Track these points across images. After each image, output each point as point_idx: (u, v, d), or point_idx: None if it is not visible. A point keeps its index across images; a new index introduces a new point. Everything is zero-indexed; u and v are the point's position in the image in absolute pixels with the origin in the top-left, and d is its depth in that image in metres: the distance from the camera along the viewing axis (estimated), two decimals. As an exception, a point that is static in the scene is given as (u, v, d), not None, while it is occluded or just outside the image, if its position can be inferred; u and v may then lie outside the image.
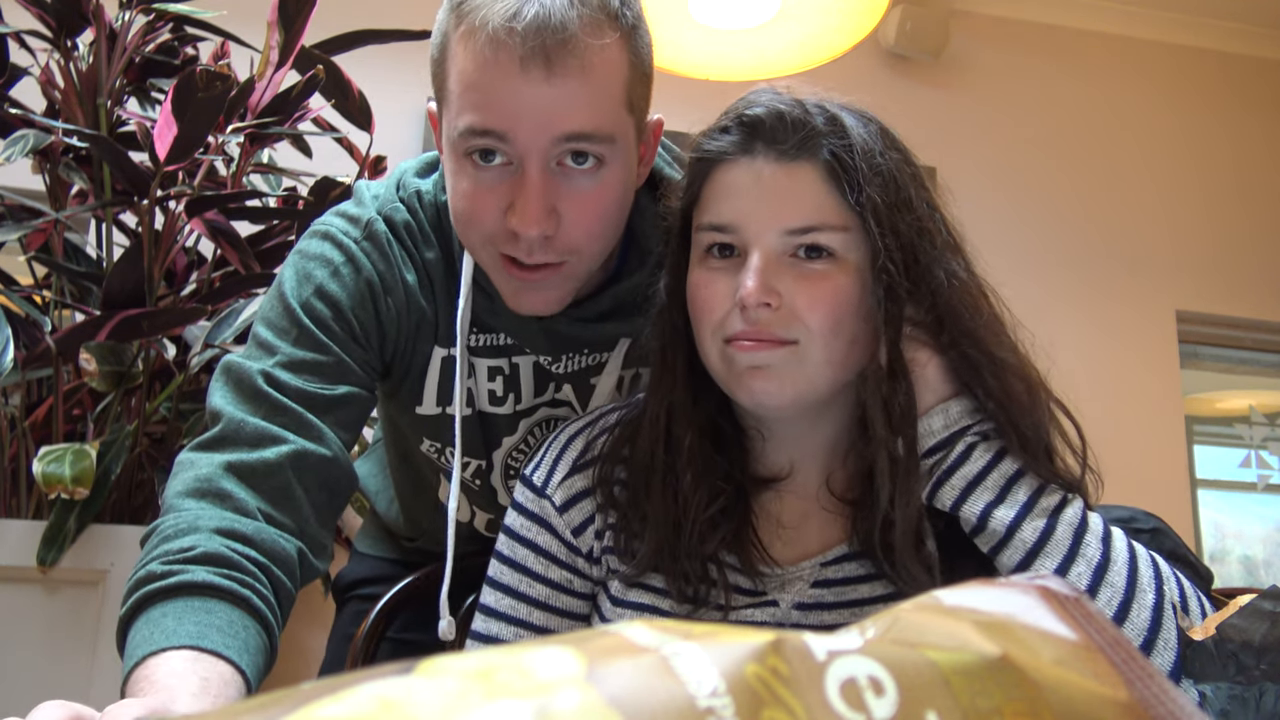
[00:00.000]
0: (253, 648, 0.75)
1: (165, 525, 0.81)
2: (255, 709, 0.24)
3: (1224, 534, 3.30)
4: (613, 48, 0.84)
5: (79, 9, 1.65)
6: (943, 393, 0.81)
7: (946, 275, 0.81)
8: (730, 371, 0.81)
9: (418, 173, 1.03)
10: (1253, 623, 0.66)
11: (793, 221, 0.79)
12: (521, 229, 0.85)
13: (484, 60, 0.82)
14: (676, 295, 0.86)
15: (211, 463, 0.84)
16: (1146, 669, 0.29)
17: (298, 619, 2.04)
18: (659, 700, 0.24)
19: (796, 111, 0.81)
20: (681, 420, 0.85)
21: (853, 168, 0.79)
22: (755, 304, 0.78)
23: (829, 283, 0.79)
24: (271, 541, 0.82)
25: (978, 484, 0.79)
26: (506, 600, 0.89)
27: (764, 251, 0.79)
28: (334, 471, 0.89)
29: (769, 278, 0.78)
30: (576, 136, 0.84)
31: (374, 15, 1.97)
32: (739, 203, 0.81)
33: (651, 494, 0.85)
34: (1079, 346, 2.98)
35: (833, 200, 0.79)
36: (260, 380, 0.88)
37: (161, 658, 0.69)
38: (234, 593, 0.76)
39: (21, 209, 1.65)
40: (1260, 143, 3.32)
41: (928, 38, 3.00)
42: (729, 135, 0.83)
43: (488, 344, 1.01)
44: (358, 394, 0.93)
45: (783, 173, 0.80)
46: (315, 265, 0.95)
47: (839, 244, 0.79)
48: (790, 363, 0.79)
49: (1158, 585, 0.76)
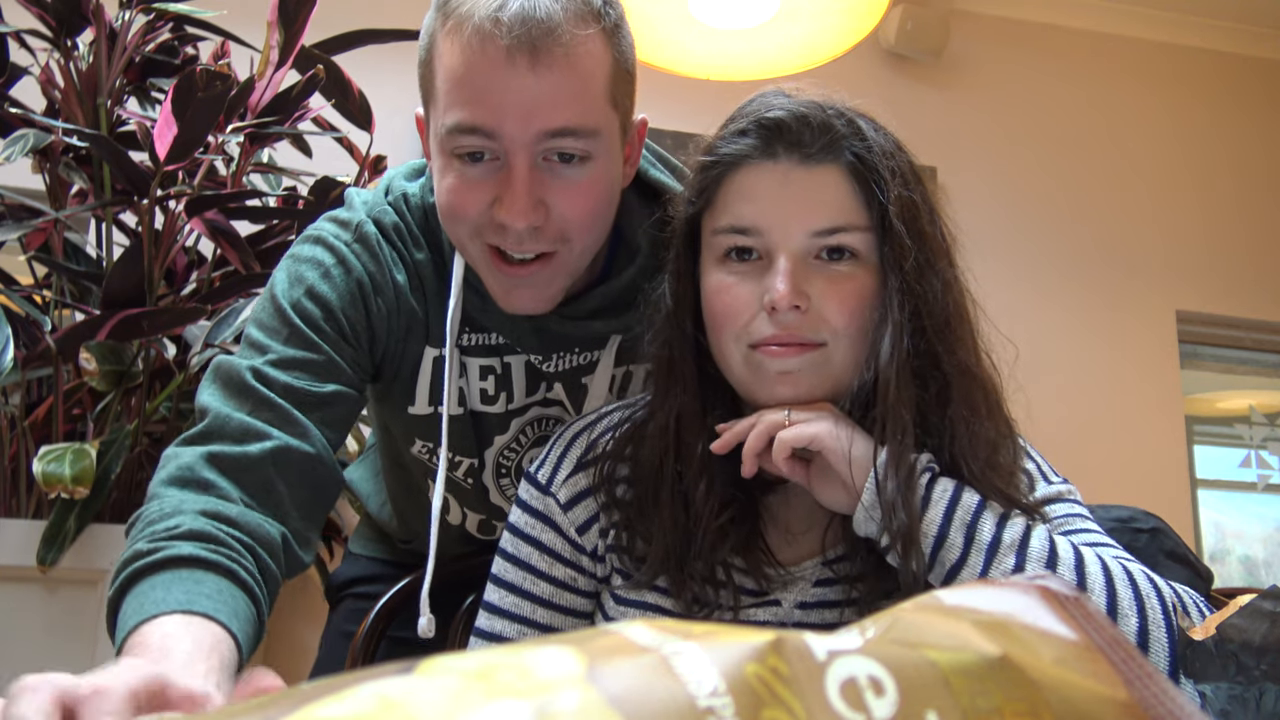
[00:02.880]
0: (242, 616, 0.75)
1: (149, 511, 0.81)
2: (255, 709, 0.24)
3: (1224, 534, 3.30)
4: (596, 41, 0.85)
5: (79, 8, 1.65)
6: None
7: (943, 284, 0.82)
8: (757, 377, 0.81)
9: (406, 177, 1.04)
10: (1253, 623, 0.66)
11: (819, 223, 0.80)
12: (509, 221, 0.86)
13: (470, 53, 0.83)
14: (685, 301, 0.86)
15: (194, 454, 0.85)
16: (1146, 669, 0.29)
17: (297, 618, 2.04)
18: (659, 700, 0.24)
19: (818, 115, 0.81)
20: (693, 429, 0.84)
21: (874, 169, 0.80)
22: (787, 307, 0.78)
23: (854, 283, 0.80)
24: (256, 525, 0.82)
25: (943, 538, 0.77)
26: (510, 597, 0.90)
27: (791, 254, 0.79)
28: (317, 468, 0.89)
29: (798, 280, 0.79)
30: (562, 131, 0.84)
31: (374, 15, 1.97)
32: (762, 205, 0.81)
33: (661, 502, 0.84)
34: (1079, 346, 2.98)
35: (855, 202, 0.81)
36: (249, 376, 0.89)
37: (154, 623, 0.69)
38: (220, 565, 0.76)
39: (21, 208, 1.65)
40: (1262, 142, 3.32)
41: (928, 38, 3.00)
42: (748, 138, 0.83)
43: (479, 343, 1.01)
44: (346, 393, 0.94)
45: (808, 175, 0.81)
46: (306, 267, 0.95)
47: (862, 245, 0.80)
48: (818, 365, 0.80)
49: (1139, 607, 0.74)
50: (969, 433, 0.80)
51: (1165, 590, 0.76)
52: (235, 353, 0.93)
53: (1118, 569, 0.76)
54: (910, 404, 0.78)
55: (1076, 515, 0.87)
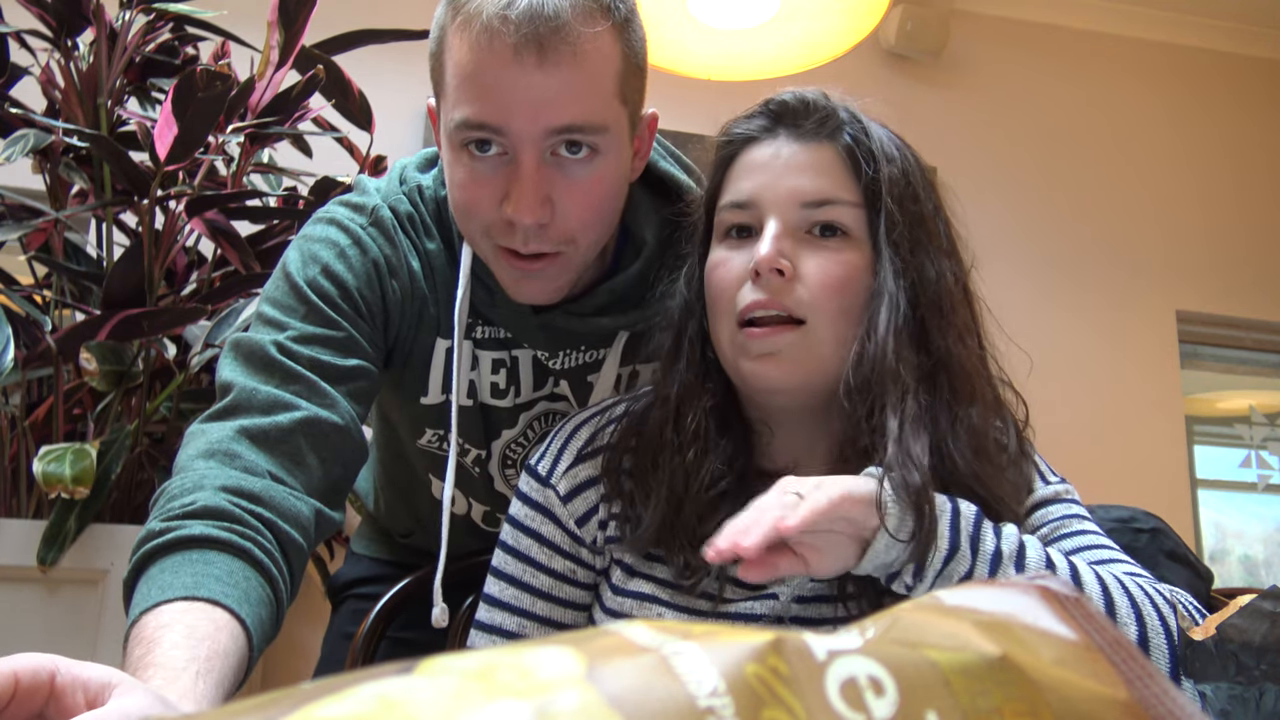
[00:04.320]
0: (254, 598, 0.74)
1: (172, 486, 0.80)
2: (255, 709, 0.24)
3: (1224, 534, 3.30)
4: (605, 37, 0.86)
5: (79, 8, 1.65)
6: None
7: (937, 273, 0.83)
8: (741, 356, 0.82)
9: (418, 167, 1.04)
10: (1253, 623, 0.66)
11: (809, 194, 0.81)
12: (517, 218, 0.86)
13: (479, 50, 0.83)
14: (696, 282, 0.88)
15: (223, 429, 0.84)
16: (1146, 669, 0.29)
17: (298, 618, 2.04)
18: (659, 700, 0.24)
19: (821, 100, 0.85)
20: (690, 399, 0.86)
21: (869, 151, 0.83)
22: (769, 269, 0.79)
23: (841, 260, 0.81)
24: (281, 498, 0.81)
25: (955, 550, 0.74)
26: (510, 590, 0.90)
27: (781, 221, 0.81)
28: (345, 440, 0.89)
29: (783, 247, 0.80)
30: (569, 128, 0.85)
31: (374, 15, 1.97)
32: (758, 178, 0.84)
33: (659, 470, 0.85)
34: (1079, 346, 2.98)
35: (849, 180, 0.83)
36: (273, 350, 0.88)
37: (154, 612, 0.68)
38: (233, 544, 0.75)
39: (22, 209, 1.64)
40: (1261, 142, 3.32)
41: (928, 38, 3.00)
42: (754, 120, 0.87)
43: (490, 336, 1.02)
44: (368, 368, 0.93)
45: (802, 150, 0.84)
46: (321, 247, 0.95)
47: (852, 221, 0.82)
48: (800, 345, 0.80)
49: (1138, 616, 0.73)
50: (953, 417, 0.80)
51: (1160, 599, 0.75)
52: (250, 330, 0.92)
53: (1114, 580, 0.75)
54: (911, 370, 0.78)
55: (1075, 516, 0.86)
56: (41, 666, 0.51)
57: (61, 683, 0.52)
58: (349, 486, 0.93)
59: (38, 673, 0.51)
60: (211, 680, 0.64)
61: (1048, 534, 0.85)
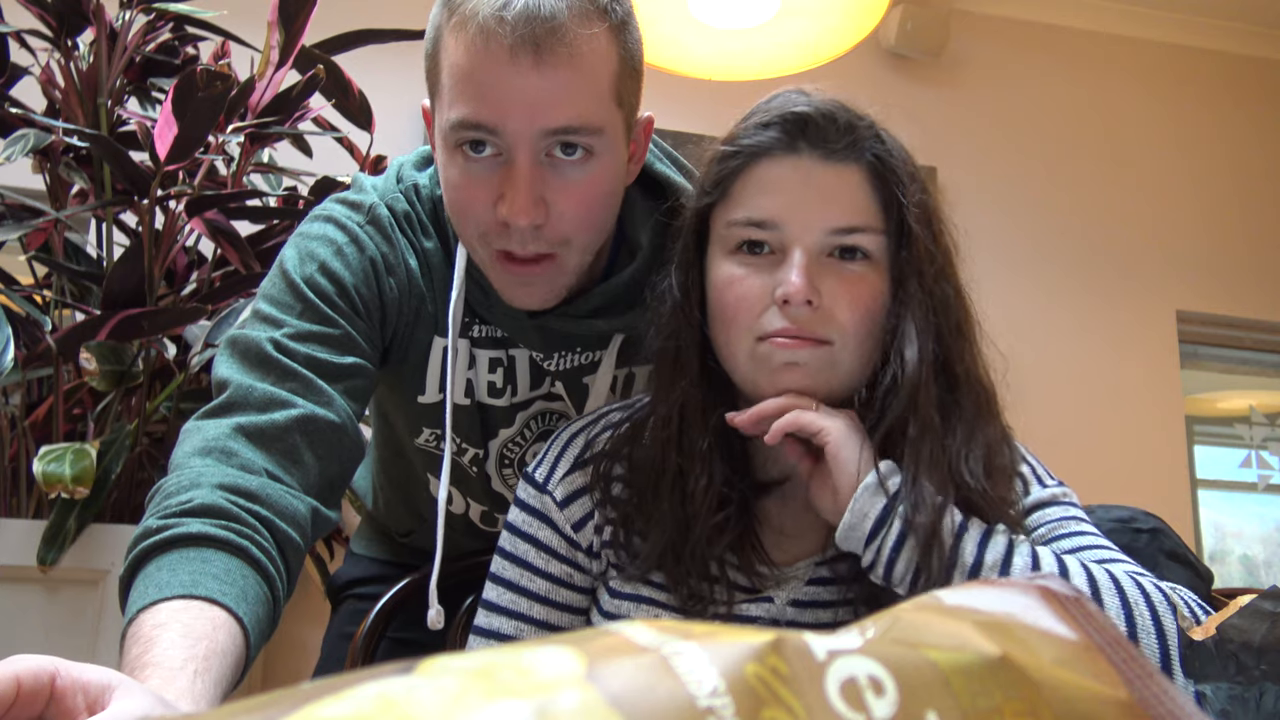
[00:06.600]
0: (251, 596, 0.73)
1: (168, 483, 0.80)
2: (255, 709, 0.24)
3: (1224, 534, 3.30)
4: (601, 39, 0.85)
5: (79, 8, 1.65)
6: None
7: (953, 292, 0.83)
8: (761, 368, 0.81)
9: (415, 166, 1.04)
10: (1253, 623, 0.66)
11: (838, 221, 0.80)
12: (511, 219, 0.86)
13: (474, 50, 0.83)
14: (692, 293, 0.86)
15: (220, 426, 0.84)
16: (1146, 669, 0.29)
17: (298, 618, 2.04)
18: (659, 700, 0.24)
19: (843, 114, 0.82)
20: (696, 423, 0.84)
21: (894, 172, 0.81)
22: (800, 301, 0.78)
23: (866, 284, 0.80)
24: (278, 496, 0.81)
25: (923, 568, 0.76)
26: (508, 595, 0.90)
27: (806, 249, 0.80)
28: (342, 437, 0.89)
29: (812, 276, 0.79)
30: (565, 129, 0.84)
31: (374, 15, 1.97)
32: (782, 199, 0.81)
33: (660, 495, 0.84)
34: (1079, 346, 2.98)
35: (873, 203, 0.81)
36: (269, 347, 0.88)
37: (151, 610, 0.68)
38: (230, 542, 0.75)
39: (22, 208, 1.64)
40: (1261, 142, 3.32)
41: (928, 38, 3.00)
42: (770, 131, 0.83)
43: (487, 335, 1.02)
44: (365, 366, 0.93)
45: (830, 172, 0.81)
46: (318, 244, 0.95)
47: (875, 247, 0.81)
48: (824, 361, 0.80)
49: (1128, 615, 0.73)
50: (969, 436, 0.80)
51: (1155, 595, 0.75)
52: (245, 327, 0.92)
53: (1103, 576, 0.76)
54: (932, 399, 0.79)
55: (1072, 518, 0.86)
56: (42, 669, 0.51)
57: (62, 685, 0.52)
58: (345, 484, 0.92)
59: (39, 675, 0.51)
60: (209, 679, 0.64)
61: (1045, 535, 0.85)
